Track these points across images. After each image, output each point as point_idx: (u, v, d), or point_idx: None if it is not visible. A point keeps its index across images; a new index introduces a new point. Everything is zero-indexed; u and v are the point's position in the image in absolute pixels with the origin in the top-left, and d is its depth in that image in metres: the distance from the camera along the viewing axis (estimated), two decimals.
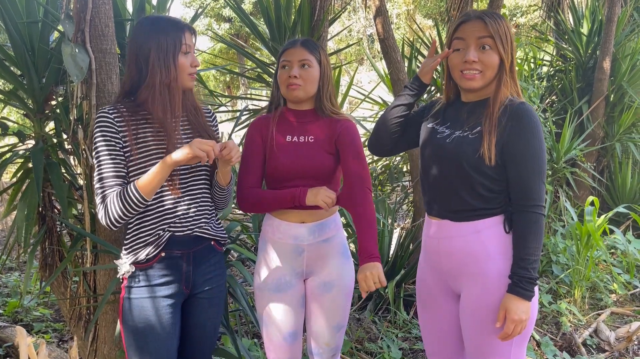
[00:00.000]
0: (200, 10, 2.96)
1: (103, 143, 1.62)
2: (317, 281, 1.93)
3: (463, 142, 1.63)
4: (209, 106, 1.95)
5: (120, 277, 1.73)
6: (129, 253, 1.71)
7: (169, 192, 1.69)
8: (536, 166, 1.57)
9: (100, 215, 1.62)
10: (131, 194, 1.58)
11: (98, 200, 1.62)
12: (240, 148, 3.35)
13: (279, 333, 1.92)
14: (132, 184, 1.60)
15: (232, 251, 2.62)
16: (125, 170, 1.65)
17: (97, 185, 1.63)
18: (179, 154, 1.57)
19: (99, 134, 1.63)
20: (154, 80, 1.63)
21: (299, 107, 1.93)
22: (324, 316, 1.95)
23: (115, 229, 1.65)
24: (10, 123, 2.39)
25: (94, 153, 1.65)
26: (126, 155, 1.65)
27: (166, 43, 1.62)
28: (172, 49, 1.62)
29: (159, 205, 1.70)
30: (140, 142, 1.66)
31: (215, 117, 1.92)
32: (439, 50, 4.72)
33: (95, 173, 1.64)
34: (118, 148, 1.63)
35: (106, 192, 1.61)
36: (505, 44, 1.61)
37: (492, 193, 1.63)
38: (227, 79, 19.88)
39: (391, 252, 3.70)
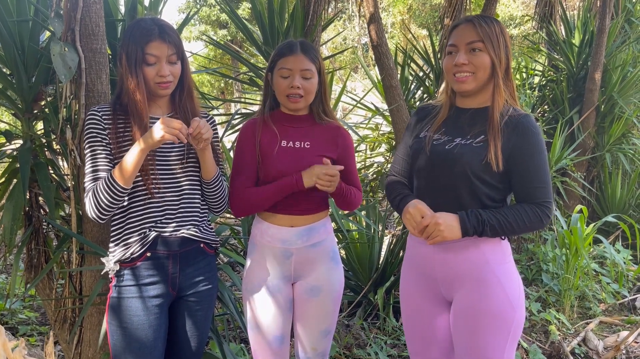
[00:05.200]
0: (191, 15, 2.95)
1: (92, 139, 1.68)
2: (305, 286, 1.92)
3: (467, 150, 1.62)
4: (207, 111, 1.94)
5: (109, 277, 1.74)
6: (114, 248, 1.72)
7: (156, 189, 1.70)
8: (540, 176, 1.59)
9: (87, 207, 1.66)
10: (110, 182, 1.61)
11: (85, 193, 1.67)
12: (231, 154, 3.34)
13: (266, 336, 1.91)
14: (110, 172, 1.63)
15: (220, 254, 2.60)
16: (112, 165, 1.68)
17: (85, 179, 1.68)
18: (151, 138, 1.58)
19: (87, 131, 1.68)
20: (125, 86, 1.67)
21: (295, 112, 1.91)
22: (311, 320, 1.94)
23: (102, 222, 1.68)
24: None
25: (85, 149, 1.69)
26: (112, 152, 1.69)
27: (132, 51, 1.64)
28: (134, 58, 1.64)
29: (145, 202, 1.71)
30: (120, 141, 1.69)
31: (214, 120, 1.92)
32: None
33: (85, 169, 1.69)
34: (104, 144, 1.68)
35: (92, 184, 1.66)
36: (496, 47, 1.62)
37: (493, 202, 1.64)
38: (222, 85, 19.87)
39: (381, 259, 3.69)
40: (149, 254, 1.70)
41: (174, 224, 1.73)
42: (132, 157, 1.60)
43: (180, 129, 1.57)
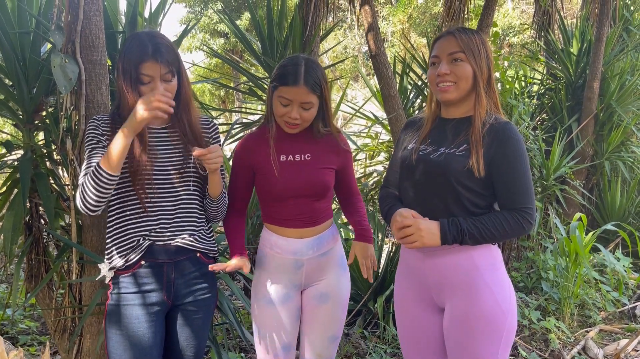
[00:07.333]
0: (190, 27, 2.97)
1: (90, 141, 1.70)
2: (314, 292, 1.95)
3: (451, 158, 1.65)
4: (211, 119, 1.94)
5: (107, 282, 1.76)
6: (110, 255, 1.74)
7: (150, 198, 1.71)
8: (520, 182, 1.61)
9: (77, 200, 1.66)
10: (96, 169, 1.60)
11: (78, 188, 1.67)
12: (231, 162, 3.36)
13: (274, 345, 1.92)
14: (98, 161, 1.63)
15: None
16: None
17: (79, 176, 1.69)
18: (134, 120, 1.57)
19: (87, 137, 1.71)
20: (124, 100, 1.69)
21: None
22: (319, 326, 1.96)
23: (92, 214, 1.66)
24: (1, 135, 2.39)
25: (84, 153, 1.71)
26: None
27: (127, 70, 1.67)
28: (130, 77, 1.66)
29: (139, 210, 1.72)
30: None
31: (217, 127, 1.91)
32: None
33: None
34: (102, 146, 1.70)
35: (83, 179, 1.66)
36: (477, 57, 1.65)
37: (478, 209, 1.66)
38: (222, 94, 19.94)
39: (381, 267, 3.69)
40: (143, 262, 1.72)
41: (168, 233, 1.74)
42: (117, 143, 1.58)
43: (159, 107, 1.55)
